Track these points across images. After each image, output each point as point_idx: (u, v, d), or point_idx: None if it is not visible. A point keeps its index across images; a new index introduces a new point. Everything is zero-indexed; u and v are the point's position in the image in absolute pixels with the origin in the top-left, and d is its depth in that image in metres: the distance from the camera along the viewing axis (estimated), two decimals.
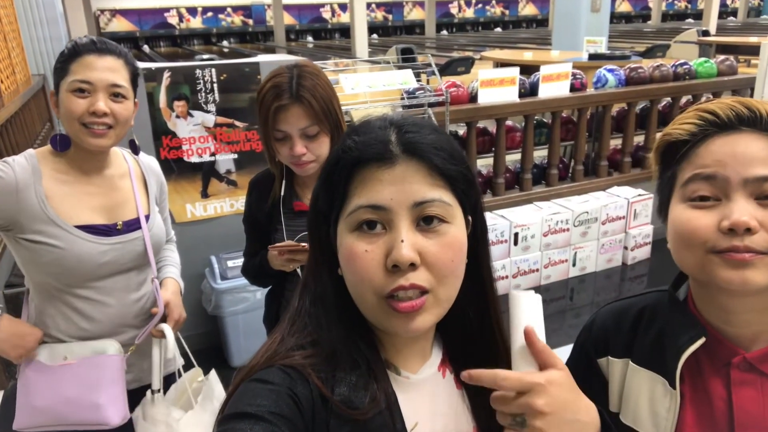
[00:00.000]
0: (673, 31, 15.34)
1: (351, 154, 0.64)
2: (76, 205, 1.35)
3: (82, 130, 1.29)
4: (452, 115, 3.38)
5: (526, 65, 6.12)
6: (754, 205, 0.73)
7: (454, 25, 25.52)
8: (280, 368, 0.64)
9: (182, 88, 2.69)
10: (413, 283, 0.61)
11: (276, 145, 1.42)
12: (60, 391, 1.33)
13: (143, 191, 1.49)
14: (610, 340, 0.91)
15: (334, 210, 0.66)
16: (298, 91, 1.36)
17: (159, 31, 20.98)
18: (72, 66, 1.29)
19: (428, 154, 0.63)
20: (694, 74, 4.28)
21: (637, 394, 0.86)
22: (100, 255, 1.35)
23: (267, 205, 1.55)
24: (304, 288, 0.72)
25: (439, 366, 0.74)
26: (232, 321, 2.79)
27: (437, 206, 0.63)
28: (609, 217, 3.81)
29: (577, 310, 3.61)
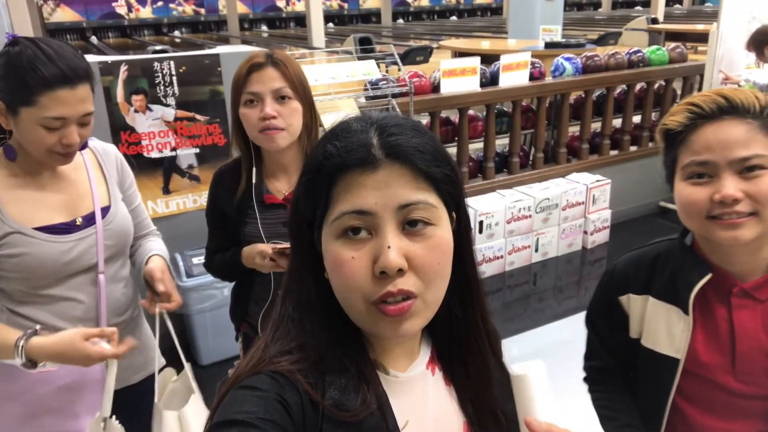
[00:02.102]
0: (623, 18, 15.71)
1: (333, 161, 0.62)
2: (33, 207, 1.30)
3: (50, 155, 1.25)
4: (416, 106, 3.39)
5: (485, 54, 6.18)
6: (738, 179, 0.94)
7: (409, 14, 25.50)
8: (267, 374, 0.63)
9: (140, 82, 2.61)
10: (401, 289, 0.60)
11: (247, 111, 1.42)
12: (39, 398, 1.29)
13: (101, 180, 1.43)
14: (630, 281, 1.14)
15: (317, 216, 0.65)
16: (272, 59, 1.43)
17: (107, 21, 20.27)
18: (42, 99, 1.18)
19: (412, 158, 0.62)
20: (648, 62, 4.39)
21: (656, 322, 1.10)
22: (63, 254, 1.31)
23: (236, 198, 1.51)
24: (287, 293, 0.70)
25: (427, 364, 0.74)
26: (199, 319, 2.75)
27: (422, 209, 0.62)
28: (569, 203, 3.90)
29: (540, 294, 3.69)
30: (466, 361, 0.74)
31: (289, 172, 1.53)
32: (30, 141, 1.23)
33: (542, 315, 3.37)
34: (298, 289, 0.69)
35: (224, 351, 2.83)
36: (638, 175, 4.49)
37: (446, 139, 3.86)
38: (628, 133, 4.41)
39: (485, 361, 0.75)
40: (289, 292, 0.70)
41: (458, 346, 0.74)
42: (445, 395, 0.74)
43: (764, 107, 0.96)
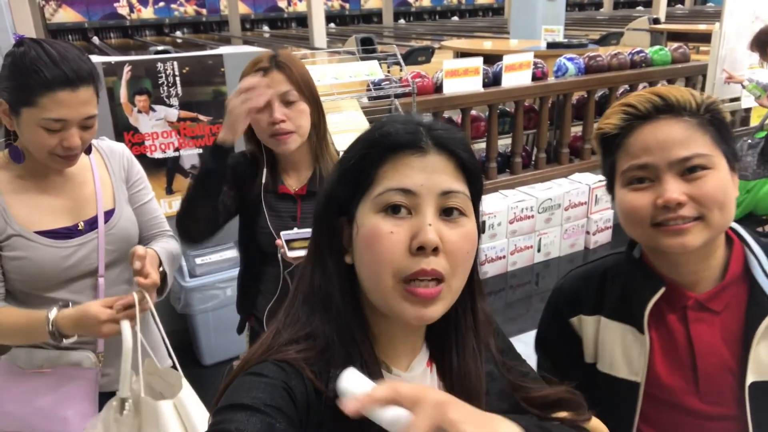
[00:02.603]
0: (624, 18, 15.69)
1: (388, 139, 0.67)
2: (37, 210, 1.30)
3: (53, 158, 1.25)
4: (419, 106, 3.39)
5: (487, 54, 6.18)
6: (680, 181, 0.88)
7: (411, 14, 25.49)
8: (274, 363, 0.65)
9: (143, 82, 2.61)
10: (434, 269, 0.63)
11: (255, 117, 1.42)
12: (31, 398, 1.29)
13: (107, 182, 1.42)
14: (580, 301, 1.04)
15: (359, 193, 0.68)
16: (277, 61, 1.43)
17: (109, 21, 20.28)
18: (42, 100, 1.17)
19: (457, 149, 0.67)
20: (650, 62, 4.40)
21: (611, 344, 1.00)
22: (62, 259, 1.31)
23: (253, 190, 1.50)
24: (302, 279, 0.73)
25: (427, 361, 0.75)
26: (202, 319, 2.75)
27: (460, 199, 0.66)
28: (571, 203, 3.89)
29: (542, 294, 3.68)
30: (458, 359, 0.74)
31: (299, 169, 1.54)
32: (31, 142, 1.23)
33: None
34: (315, 273, 0.71)
35: (227, 351, 2.84)
36: None
37: None
38: None
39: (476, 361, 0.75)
40: (303, 278, 0.73)
41: (452, 344, 0.74)
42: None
43: (701, 104, 0.91)
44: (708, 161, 0.88)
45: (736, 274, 0.95)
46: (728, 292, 0.95)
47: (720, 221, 0.89)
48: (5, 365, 1.32)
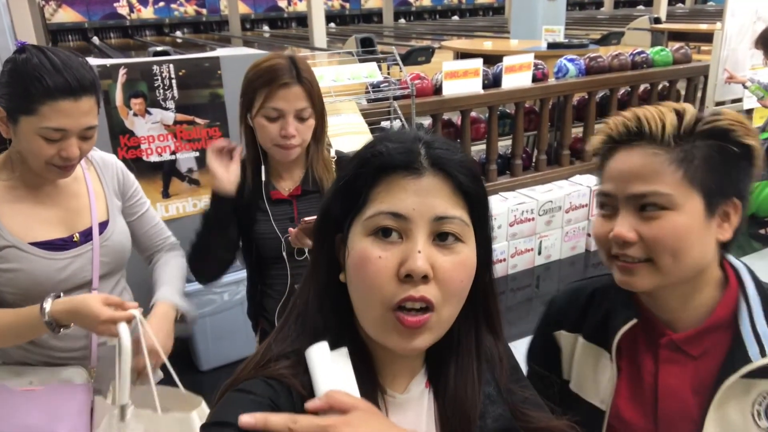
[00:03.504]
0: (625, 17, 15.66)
1: (381, 158, 0.64)
2: (30, 221, 1.28)
3: (50, 168, 1.22)
4: (418, 108, 3.36)
5: (487, 55, 6.15)
6: (636, 217, 0.83)
7: (411, 14, 25.47)
8: (263, 379, 0.64)
9: (139, 85, 2.59)
10: (423, 296, 0.61)
11: (265, 124, 1.40)
12: (20, 417, 1.25)
13: (101, 194, 1.40)
14: (564, 317, 1.01)
15: (350, 213, 0.65)
16: (298, 74, 1.39)
17: (109, 21, 20.27)
18: (43, 109, 1.14)
19: (455, 171, 0.64)
20: (651, 63, 4.37)
21: (583, 365, 0.97)
22: (57, 272, 1.28)
23: (244, 198, 1.49)
24: (299, 296, 0.71)
25: (426, 382, 0.73)
26: (200, 324, 2.72)
27: (456, 224, 0.63)
28: (572, 206, 3.86)
29: (543, 297, 3.66)
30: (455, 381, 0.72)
31: (292, 171, 1.53)
32: (28, 151, 1.20)
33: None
34: (311, 290, 0.70)
35: (224, 356, 2.81)
36: None
37: None
38: None
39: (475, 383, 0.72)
40: (301, 294, 0.71)
41: (454, 370, 0.72)
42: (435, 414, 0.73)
43: (685, 133, 0.82)
44: (667, 201, 0.80)
45: (721, 319, 0.87)
46: (710, 337, 0.87)
47: (672, 268, 0.82)
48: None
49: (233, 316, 2.80)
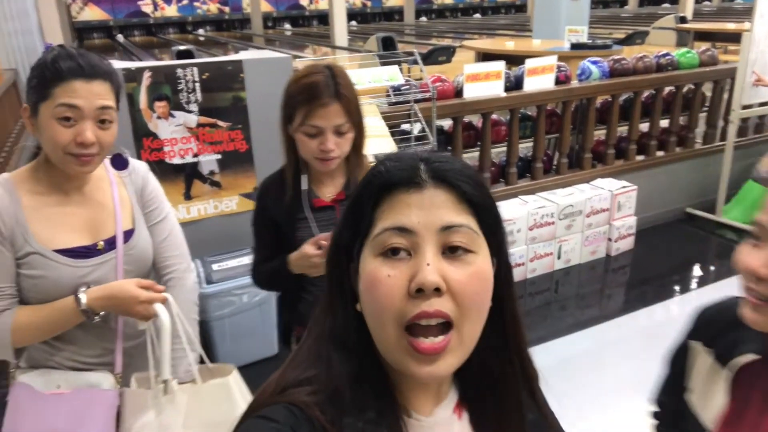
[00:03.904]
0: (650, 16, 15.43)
1: (380, 178, 0.64)
2: (56, 228, 1.30)
3: (68, 158, 1.24)
4: (438, 111, 3.35)
5: (509, 55, 6.11)
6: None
7: (433, 12, 25.37)
8: (285, 406, 0.62)
9: (163, 88, 2.62)
10: (438, 310, 0.59)
11: (305, 139, 1.46)
12: (48, 420, 1.28)
13: (126, 201, 1.42)
14: (705, 330, 1.01)
15: (359, 237, 0.65)
16: (337, 89, 1.43)
17: (133, 19, 20.51)
18: (56, 90, 1.19)
19: (456, 182, 0.63)
20: (677, 65, 4.29)
21: (706, 382, 0.97)
22: (80, 279, 1.30)
23: (284, 206, 1.56)
24: (315, 323, 0.70)
25: (455, 407, 0.71)
26: (218, 325, 2.75)
27: (464, 233, 0.62)
28: (593, 210, 3.83)
29: (562, 302, 3.63)
30: (498, 410, 0.71)
31: (334, 177, 1.58)
32: (48, 142, 1.23)
33: (564, 324, 3.32)
34: (325, 321, 0.69)
35: (243, 357, 2.83)
36: (665, 181, 4.40)
37: (468, 143, 3.82)
38: (655, 138, 4.32)
39: (518, 411, 0.71)
40: (316, 322, 0.70)
41: (491, 394, 0.71)
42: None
43: None
44: None
45: None
46: None
47: None
48: (22, 388, 1.32)
49: (252, 318, 2.82)
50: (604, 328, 3.22)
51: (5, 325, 1.24)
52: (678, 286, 3.72)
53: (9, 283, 1.26)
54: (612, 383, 2.73)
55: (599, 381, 2.74)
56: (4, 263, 1.24)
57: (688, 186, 4.55)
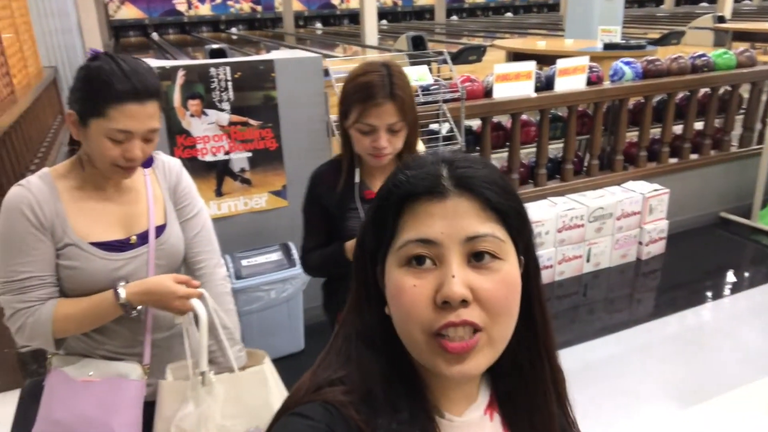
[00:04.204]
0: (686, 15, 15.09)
1: (402, 188, 0.63)
2: (93, 221, 1.35)
3: (114, 169, 1.30)
4: (467, 111, 3.34)
5: (540, 55, 6.05)
6: None
7: (464, 10, 25.23)
8: (320, 404, 0.63)
9: (197, 87, 2.67)
10: (465, 320, 0.59)
11: (359, 136, 1.52)
12: (80, 407, 1.33)
13: (159, 197, 1.46)
14: None
15: (382, 246, 0.64)
16: (392, 90, 1.47)
17: (167, 18, 20.88)
18: (111, 111, 1.23)
19: (480, 189, 0.61)
20: (713, 66, 4.20)
21: None
22: (114, 272, 1.35)
23: (336, 195, 1.63)
24: (343, 324, 0.70)
25: (486, 408, 0.71)
26: (246, 320, 2.79)
27: (490, 241, 0.60)
28: (624, 213, 3.77)
29: (590, 306, 3.59)
30: (530, 410, 0.71)
31: (386, 171, 1.61)
32: (96, 152, 1.28)
33: (591, 328, 3.28)
34: (354, 322, 0.69)
35: (270, 352, 2.85)
36: (698, 184, 4.31)
37: (497, 144, 3.80)
38: (688, 141, 4.23)
39: (550, 411, 0.71)
40: (344, 324, 0.70)
41: (522, 394, 0.71)
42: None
43: None
44: None
45: None
46: None
47: None
48: (57, 374, 1.37)
49: (279, 313, 2.86)
50: (632, 333, 3.18)
51: (47, 314, 1.29)
52: (710, 292, 3.64)
53: (50, 272, 1.31)
54: (639, 390, 2.69)
55: (626, 387, 2.71)
56: (46, 252, 1.29)
57: (723, 190, 4.45)
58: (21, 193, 1.28)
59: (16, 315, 1.29)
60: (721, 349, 2.99)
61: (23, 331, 1.30)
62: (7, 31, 4.45)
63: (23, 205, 1.26)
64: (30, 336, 1.30)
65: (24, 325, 1.29)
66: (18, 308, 1.28)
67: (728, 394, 2.60)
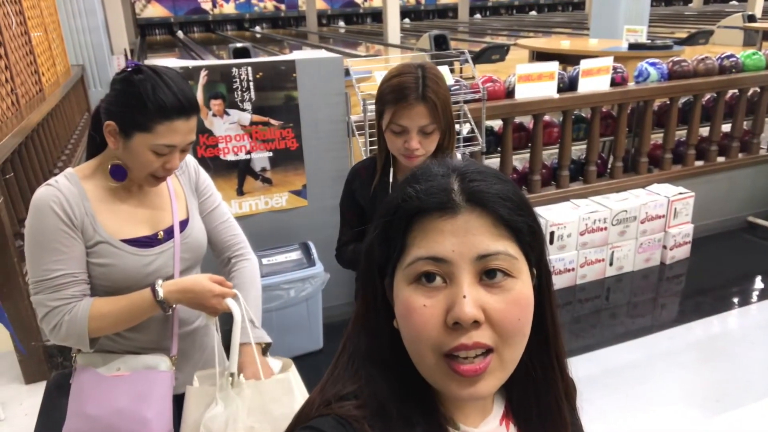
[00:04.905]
0: (715, 14, 14.81)
1: (411, 203, 0.60)
2: (121, 220, 1.37)
3: (149, 179, 1.34)
4: (489, 112, 3.32)
5: (564, 54, 5.98)
6: None
7: (487, 9, 25.09)
8: (334, 418, 0.62)
9: (219, 87, 2.70)
10: (477, 342, 0.57)
11: (392, 136, 1.54)
12: (112, 401, 1.35)
13: (180, 193, 1.50)
14: None
15: (391, 261, 0.62)
16: (424, 92, 1.48)
17: (193, 16, 21.13)
18: (159, 128, 1.26)
19: (493, 205, 0.59)
20: (741, 67, 4.11)
21: None
22: (144, 267, 1.38)
23: (371, 192, 1.66)
24: (348, 339, 0.69)
25: (501, 419, 0.70)
26: (266, 318, 2.78)
27: (502, 259, 0.58)
28: (648, 216, 3.71)
29: (612, 310, 3.54)
30: (543, 419, 0.70)
31: None
32: (137, 163, 1.31)
33: (613, 333, 3.23)
34: (359, 337, 0.67)
35: (288, 350, 2.89)
36: (725, 188, 4.23)
37: (519, 145, 3.77)
38: (715, 143, 4.15)
39: (564, 420, 0.71)
40: (350, 339, 0.69)
41: (535, 403, 0.70)
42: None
43: None
44: None
45: None
46: None
47: None
48: (85, 371, 1.39)
49: (298, 312, 2.88)
50: (655, 339, 3.12)
51: (84, 311, 1.31)
52: (737, 298, 3.57)
53: (82, 269, 1.33)
54: (661, 397, 2.65)
55: (648, 393, 2.67)
56: (77, 250, 1.32)
57: (751, 194, 4.36)
58: (51, 191, 1.30)
59: (51, 313, 1.30)
60: (747, 357, 2.93)
61: (59, 330, 1.31)
62: (36, 30, 4.53)
63: (54, 204, 1.29)
64: (66, 334, 1.31)
65: (61, 323, 1.30)
66: (53, 306, 1.30)
67: (754, 404, 2.55)
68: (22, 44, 4.05)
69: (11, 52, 3.67)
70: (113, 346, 1.43)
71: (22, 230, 2.72)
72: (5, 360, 2.89)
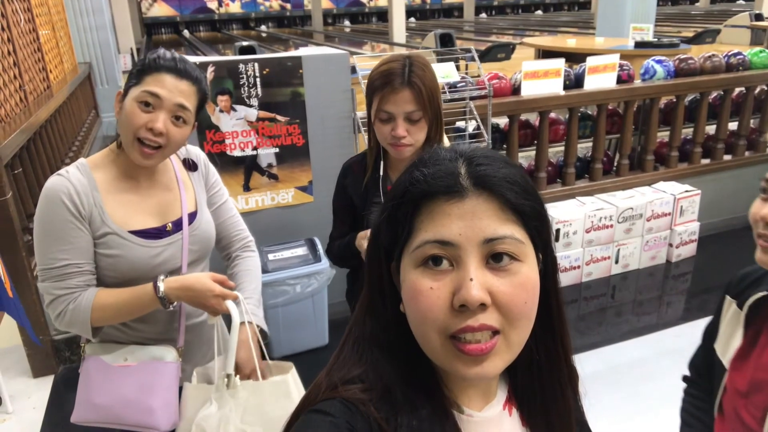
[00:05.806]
0: (722, 13, 14.75)
1: (419, 187, 0.60)
2: (130, 211, 1.38)
3: (135, 144, 1.31)
4: (495, 108, 3.32)
5: (570, 53, 5.98)
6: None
7: (493, 8, 25.06)
8: (341, 401, 0.62)
9: (226, 83, 2.71)
10: (483, 324, 0.57)
11: (379, 125, 1.54)
12: (119, 390, 1.37)
13: (189, 186, 1.50)
14: (736, 284, 1.15)
15: (398, 244, 0.63)
16: (409, 77, 1.48)
17: (198, 15, 21.19)
18: (147, 78, 1.29)
19: (500, 189, 0.59)
20: (748, 65, 4.09)
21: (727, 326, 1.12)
22: (152, 258, 1.38)
23: (362, 188, 1.66)
24: (355, 323, 0.70)
25: (504, 403, 0.71)
26: (272, 314, 2.82)
27: (509, 243, 0.58)
28: (654, 214, 3.70)
29: (617, 308, 3.54)
30: (546, 404, 0.71)
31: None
32: (124, 120, 1.31)
33: (619, 330, 3.23)
34: (365, 322, 0.68)
35: (294, 346, 2.91)
36: (731, 186, 4.21)
37: (525, 142, 3.77)
38: (722, 141, 4.14)
39: (567, 406, 0.71)
40: (356, 323, 0.69)
41: (539, 389, 0.71)
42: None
43: None
44: None
45: None
46: None
47: None
48: (92, 360, 1.41)
49: (304, 308, 2.88)
50: (661, 337, 3.12)
51: (87, 301, 1.33)
52: None
53: (87, 260, 1.34)
54: (667, 395, 2.64)
55: (653, 391, 2.66)
56: (83, 241, 1.33)
57: (758, 192, 4.33)
58: (60, 182, 1.31)
59: (56, 301, 1.33)
60: None
61: (63, 317, 1.33)
62: (44, 28, 4.56)
63: (62, 194, 1.30)
64: (69, 322, 1.34)
65: (65, 311, 1.33)
66: (58, 294, 1.32)
67: None
68: (30, 41, 4.07)
69: (20, 49, 3.70)
70: (121, 336, 1.44)
71: (30, 225, 2.74)
72: (13, 354, 2.92)
